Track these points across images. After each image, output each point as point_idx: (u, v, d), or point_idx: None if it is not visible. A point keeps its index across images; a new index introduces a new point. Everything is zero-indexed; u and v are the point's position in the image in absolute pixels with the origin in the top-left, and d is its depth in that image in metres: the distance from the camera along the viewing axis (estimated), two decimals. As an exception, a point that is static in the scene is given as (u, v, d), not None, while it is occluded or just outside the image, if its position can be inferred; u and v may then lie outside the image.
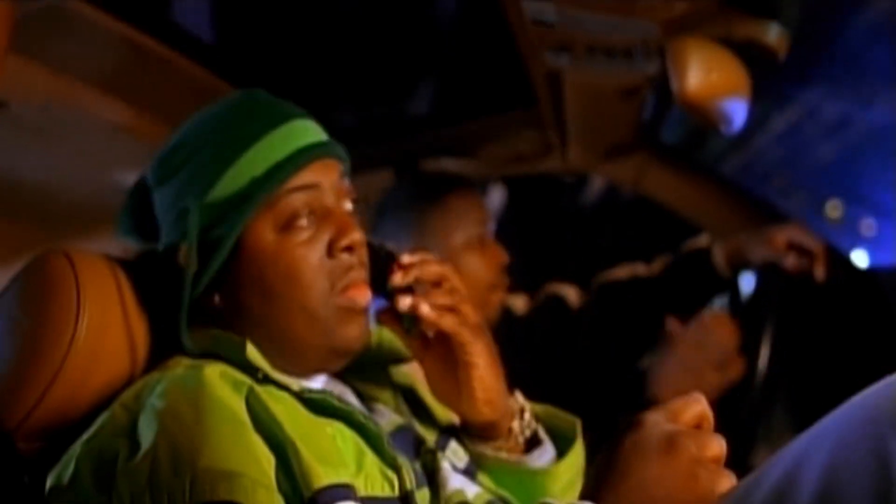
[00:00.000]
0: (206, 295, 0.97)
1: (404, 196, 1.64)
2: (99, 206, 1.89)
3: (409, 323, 1.03)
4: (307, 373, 1.00)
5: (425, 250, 1.08)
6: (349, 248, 0.97)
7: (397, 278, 1.01)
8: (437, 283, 1.03)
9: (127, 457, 0.81)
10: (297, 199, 0.95)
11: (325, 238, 0.96)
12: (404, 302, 1.00)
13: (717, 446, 0.76)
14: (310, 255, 0.95)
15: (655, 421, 0.76)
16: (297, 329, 0.96)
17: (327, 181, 0.98)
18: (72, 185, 1.75)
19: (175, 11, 1.48)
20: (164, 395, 0.86)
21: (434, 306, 1.01)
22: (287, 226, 0.95)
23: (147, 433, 0.82)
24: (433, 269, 1.04)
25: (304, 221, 0.95)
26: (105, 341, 0.97)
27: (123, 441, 0.83)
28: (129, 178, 1.72)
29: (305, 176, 0.96)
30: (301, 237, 0.95)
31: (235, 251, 0.95)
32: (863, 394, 0.64)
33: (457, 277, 1.06)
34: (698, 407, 0.79)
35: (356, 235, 0.97)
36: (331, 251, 0.96)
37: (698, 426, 0.79)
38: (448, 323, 1.01)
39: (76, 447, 0.86)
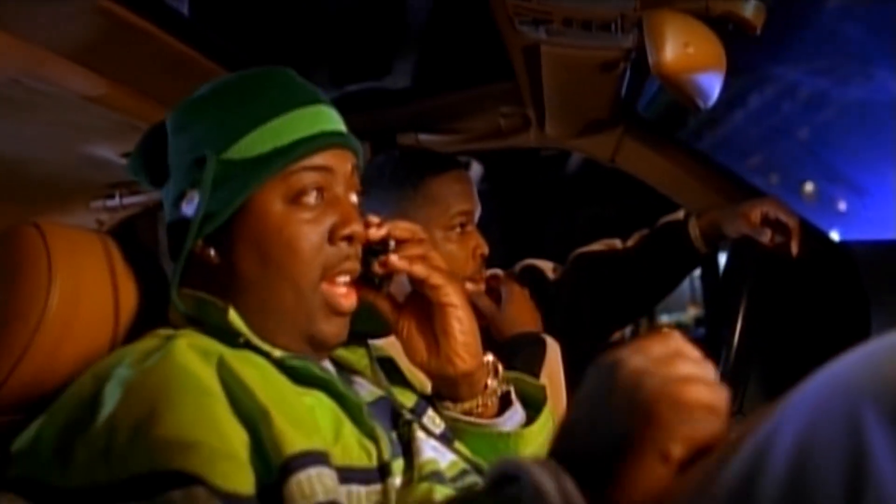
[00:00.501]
0: (203, 249, 0.99)
1: (389, 175, 1.60)
2: (72, 178, 1.88)
3: (379, 279, 1.06)
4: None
5: None
6: (349, 238, 1.00)
7: (372, 232, 1.03)
8: (407, 240, 1.07)
9: (87, 424, 0.81)
10: (310, 177, 0.99)
11: (328, 222, 0.99)
12: (378, 264, 1.04)
13: (685, 367, 0.68)
14: (312, 234, 0.98)
15: (620, 360, 0.69)
16: (283, 302, 0.97)
17: (341, 169, 1.02)
18: (44, 158, 1.74)
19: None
20: (130, 366, 0.86)
21: (404, 257, 1.04)
22: (295, 199, 0.98)
23: (109, 402, 0.82)
24: (403, 226, 1.07)
25: (311, 200, 0.99)
26: (79, 313, 0.97)
27: (86, 409, 0.83)
28: (102, 151, 1.72)
29: (323, 158, 1.00)
30: (307, 214, 0.98)
31: (240, 212, 0.97)
32: (836, 363, 0.64)
33: (425, 233, 1.08)
34: (672, 343, 0.71)
35: (357, 227, 1.00)
36: (332, 237, 0.99)
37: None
38: (419, 269, 1.04)
39: (42, 415, 0.87)
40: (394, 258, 1.04)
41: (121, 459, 0.77)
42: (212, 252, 0.99)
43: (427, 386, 1.14)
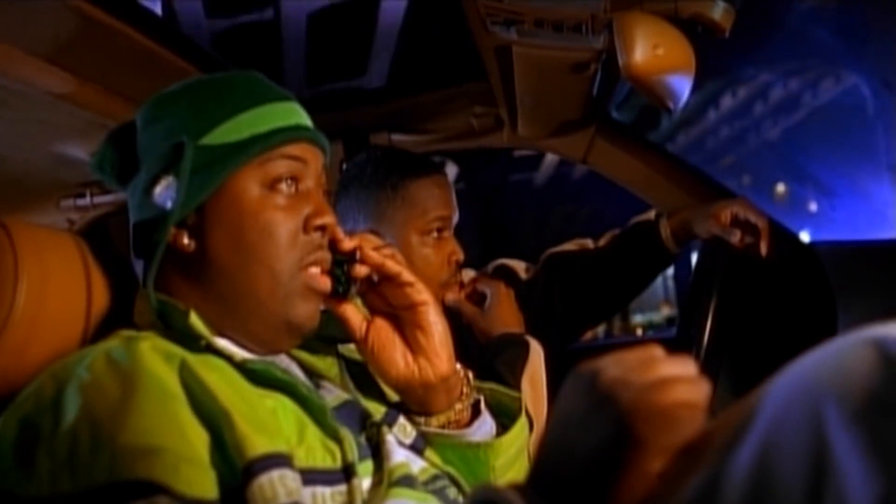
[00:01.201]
0: (177, 236, 0.99)
1: (369, 174, 1.59)
2: (42, 177, 1.87)
3: (344, 286, 1.05)
4: (253, 344, 1.00)
5: (377, 235, 1.12)
6: (322, 228, 1.01)
7: (345, 244, 1.04)
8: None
9: (49, 431, 0.80)
10: (286, 165, 1.00)
11: (303, 212, 1.00)
12: (359, 262, 1.05)
13: (662, 369, 0.67)
14: (288, 221, 0.99)
15: (596, 372, 0.69)
16: (258, 288, 0.98)
17: (313, 164, 1.03)
18: (13, 156, 1.72)
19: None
20: (90, 368, 0.85)
21: (378, 254, 1.06)
22: (272, 186, 0.99)
23: (70, 407, 0.81)
24: (372, 239, 1.09)
25: (286, 188, 1.00)
26: (47, 312, 0.96)
27: (47, 415, 0.82)
28: (73, 149, 1.71)
29: (298, 149, 1.01)
30: (282, 201, 0.99)
31: (216, 197, 0.98)
32: (800, 362, 0.64)
33: (401, 235, 1.09)
34: (649, 349, 0.70)
35: (330, 219, 1.02)
36: (306, 227, 1.00)
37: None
38: (391, 264, 1.06)
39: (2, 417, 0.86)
40: (370, 251, 1.05)
41: (84, 469, 0.77)
42: (185, 239, 0.98)
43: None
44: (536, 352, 1.56)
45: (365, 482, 0.94)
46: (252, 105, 1.00)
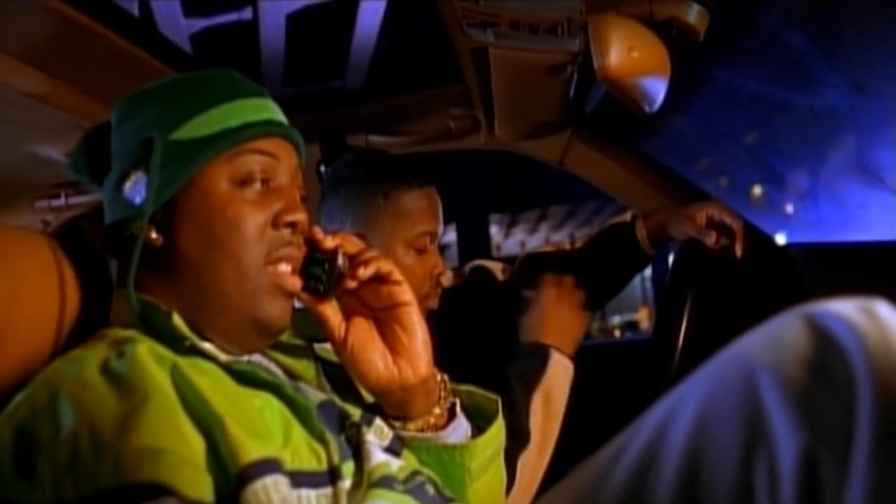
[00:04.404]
0: (146, 230, 0.97)
1: (361, 179, 1.56)
2: (16, 177, 1.85)
3: (326, 284, 1.03)
4: (224, 342, 0.99)
5: (363, 239, 1.11)
6: (292, 225, 1.00)
7: (327, 241, 1.03)
8: (356, 254, 1.06)
9: (49, 438, 0.79)
10: (257, 161, 0.99)
11: (273, 207, 0.99)
12: (360, 264, 1.03)
13: None
14: (257, 215, 0.98)
15: None
16: (225, 282, 0.96)
17: (286, 161, 1.02)
18: (-13, 157, 1.71)
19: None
20: (85, 371, 0.85)
21: (370, 255, 1.04)
22: (242, 182, 0.98)
23: (68, 413, 0.80)
24: (354, 240, 1.07)
25: (257, 184, 0.99)
26: (19, 315, 0.96)
27: (44, 421, 0.81)
28: (47, 150, 1.70)
29: (270, 144, 1.01)
30: (252, 196, 0.98)
31: (185, 191, 0.97)
32: (733, 344, 0.68)
33: (387, 244, 1.07)
34: None
35: (301, 216, 1.00)
36: (275, 222, 0.98)
37: None
38: (384, 264, 1.04)
39: None
40: (367, 252, 1.04)
41: (87, 474, 0.76)
42: (153, 234, 0.98)
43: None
44: (564, 369, 1.54)
45: (346, 483, 0.94)
46: (224, 100, 0.99)
